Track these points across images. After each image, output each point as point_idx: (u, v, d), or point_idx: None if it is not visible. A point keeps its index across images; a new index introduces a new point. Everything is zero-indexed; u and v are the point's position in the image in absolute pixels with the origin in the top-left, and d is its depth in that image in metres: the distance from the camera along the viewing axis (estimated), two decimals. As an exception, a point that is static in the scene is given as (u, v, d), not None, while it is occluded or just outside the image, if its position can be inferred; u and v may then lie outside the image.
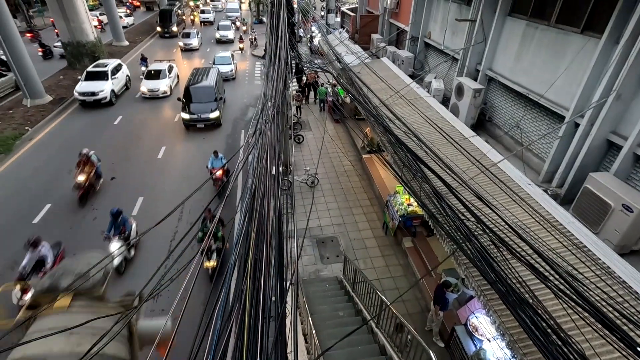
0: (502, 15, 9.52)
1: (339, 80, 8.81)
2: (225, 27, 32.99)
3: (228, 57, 22.60)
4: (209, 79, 16.59)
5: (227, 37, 32.14)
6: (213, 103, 15.46)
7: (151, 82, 19.21)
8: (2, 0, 16.04)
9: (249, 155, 3.91)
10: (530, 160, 8.96)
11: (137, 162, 13.43)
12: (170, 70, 20.30)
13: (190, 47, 28.86)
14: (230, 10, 44.09)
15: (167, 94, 19.20)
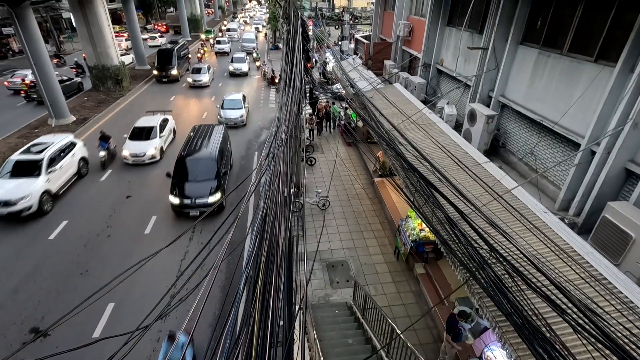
0: (514, 44, 9.63)
1: (351, 105, 8.97)
2: (240, 59, 30.85)
3: (238, 101, 19.60)
4: (210, 145, 12.75)
5: (241, 70, 30.10)
6: (213, 181, 11.53)
7: (136, 144, 14.87)
8: (37, 29, 17.12)
9: (261, 178, 3.97)
10: (546, 187, 8.80)
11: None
12: (163, 126, 16.24)
13: (200, 83, 26.23)
14: (246, 41, 41.20)
15: (156, 159, 14.91)
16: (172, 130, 17.26)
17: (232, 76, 30.17)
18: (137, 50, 31.52)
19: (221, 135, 13.68)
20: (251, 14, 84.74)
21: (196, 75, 26.51)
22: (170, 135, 17.11)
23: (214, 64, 34.17)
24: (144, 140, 15.12)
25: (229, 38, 47.99)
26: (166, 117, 17.09)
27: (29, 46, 16.86)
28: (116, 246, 10.30)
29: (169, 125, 16.93)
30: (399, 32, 16.67)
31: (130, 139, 15.18)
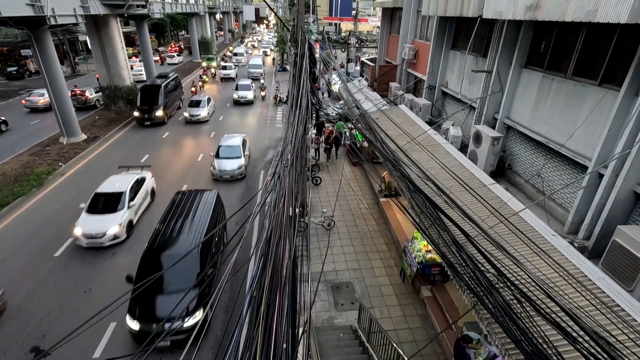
0: (517, 67, 9.76)
1: (357, 126, 9.06)
2: (245, 87, 28.73)
3: (237, 147, 16.02)
4: (194, 228, 9.05)
5: (247, 98, 27.96)
6: (193, 291, 7.35)
7: (95, 219, 10.97)
8: (54, 51, 17.78)
9: (267, 199, 4.00)
10: (554, 210, 8.70)
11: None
12: (136, 189, 12.43)
13: (198, 118, 23.03)
14: (253, 67, 38.67)
15: (119, 239, 11.06)
16: (149, 193, 13.36)
17: (237, 104, 28.15)
18: (149, 71, 32.46)
19: (210, 210, 10.00)
20: (259, 37, 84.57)
21: (194, 110, 23.20)
22: (147, 200, 13.15)
23: (215, 93, 31.70)
24: (106, 213, 11.19)
25: (236, 62, 46.32)
26: (143, 175, 13.24)
27: (46, 67, 17.46)
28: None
29: (145, 187, 13.02)
30: (404, 55, 17.01)
31: (88, 211, 11.24)
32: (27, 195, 13.90)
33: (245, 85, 28.87)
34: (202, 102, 23.81)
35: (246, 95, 28.06)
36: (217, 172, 15.24)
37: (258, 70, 38.18)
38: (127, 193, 11.81)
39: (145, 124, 22.49)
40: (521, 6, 7.56)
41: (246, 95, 28.06)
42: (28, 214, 12.99)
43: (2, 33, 35.51)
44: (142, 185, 12.89)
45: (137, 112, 22.42)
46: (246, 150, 16.84)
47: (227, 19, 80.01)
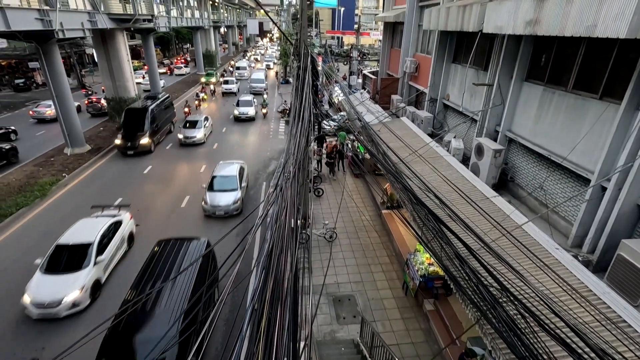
0: (518, 81, 9.84)
1: (359, 138, 9.11)
2: (246, 102, 27.64)
3: (233, 178, 14.02)
4: (174, 297, 6.98)
5: (248, 114, 26.83)
6: None
7: (50, 281, 8.76)
8: (61, 64, 18.10)
9: (269, 211, 4.01)
10: (557, 223, 8.64)
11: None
12: (109, 237, 10.22)
13: (193, 141, 21.10)
14: (255, 81, 37.41)
15: (79, 307, 8.76)
16: (125, 240, 11.00)
17: (237, 121, 26.98)
18: (154, 83, 32.94)
19: (198, 267, 7.88)
20: (262, 51, 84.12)
21: (189, 131, 21.28)
22: (122, 249, 10.78)
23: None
24: (67, 271, 8.90)
25: (238, 76, 45.26)
26: (119, 218, 10.98)
27: (52, 79, 17.75)
28: None
29: (121, 233, 10.75)
30: (406, 68, 17.20)
31: (45, 271, 8.96)
32: (31, 206, 13.96)
33: (247, 101, 27.76)
34: (199, 123, 21.94)
35: (247, 111, 26.89)
36: (210, 207, 13.10)
37: (260, 85, 36.90)
38: (95, 245, 9.44)
39: (128, 154, 19.18)
40: (521, 21, 7.67)
41: (247, 111, 26.89)
42: (31, 225, 13.02)
43: (11, 46, 36.23)
44: (117, 231, 10.60)
45: (119, 139, 19.15)
46: (243, 181, 14.81)
47: (232, 32, 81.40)
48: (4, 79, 37.46)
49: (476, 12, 9.72)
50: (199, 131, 21.44)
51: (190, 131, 21.34)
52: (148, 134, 19.59)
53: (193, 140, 21.14)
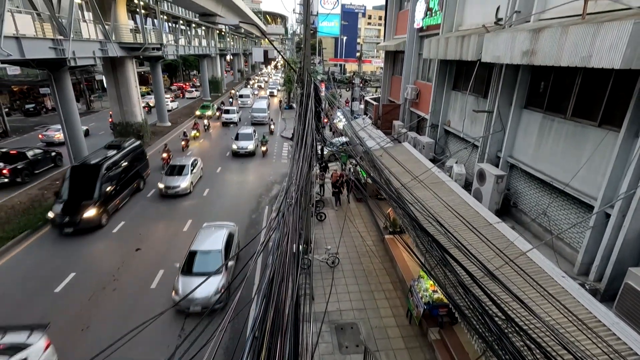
0: (518, 108, 10.00)
1: (360, 164, 9.20)
2: (246, 135, 25.39)
3: (217, 254, 10.57)
4: None
5: (247, 149, 24.42)
6: None
7: None
8: (71, 90, 18.65)
9: (271, 237, 4.01)
10: (562, 250, 8.53)
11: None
12: None
13: (176, 191, 17.11)
14: (257, 111, 35.17)
15: None
16: None
17: (236, 156, 24.53)
18: (160, 108, 33.68)
19: None
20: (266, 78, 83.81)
21: (172, 179, 17.38)
22: None
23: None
24: None
25: (241, 104, 43.83)
26: (21, 357, 6.99)
27: (62, 105, 18.22)
28: (120, 301, 9.61)
29: None
30: (407, 94, 17.55)
31: None
32: (34, 229, 13.97)
33: (247, 135, 25.44)
34: (185, 169, 17.99)
35: (247, 145, 24.46)
36: (183, 299, 8.96)
37: (262, 114, 34.69)
38: None
39: (65, 232, 13.51)
40: (517, 51, 7.90)
41: (247, 145, 24.46)
42: (32, 248, 12.98)
43: (24, 73, 37.44)
44: None
45: (52, 213, 13.60)
46: (232, 250, 11.33)
47: (237, 59, 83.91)
48: (15, 104, 38.45)
49: (474, 42, 10.03)
50: (184, 179, 17.53)
51: (173, 179, 17.39)
52: (98, 202, 14.04)
53: (176, 190, 17.15)
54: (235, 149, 24.54)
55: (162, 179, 17.76)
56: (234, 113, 35.02)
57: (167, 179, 17.56)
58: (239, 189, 19.24)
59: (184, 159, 19.22)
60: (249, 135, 25.47)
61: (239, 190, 19.12)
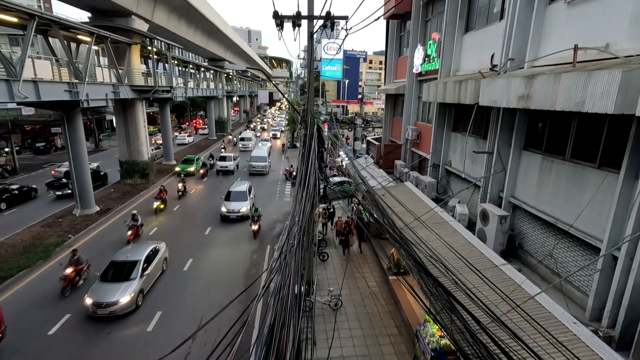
0: (517, 149, 10.18)
1: (363, 204, 9.22)
2: (239, 195, 20.30)
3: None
4: None
5: (240, 212, 19.35)
6: None
7: None
8: (82, 130, 19.28)
9: (272, 280, 3.96)
10: (572, 293, 8.28)
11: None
12: None
13: (112, 310, 10.86)
14: (256, 159, 30.46)
15: None
16: None
17: (225, 221, 19.43)
18: (166, 147, 34.44)
19: None
20: (269, 119, 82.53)
21: (106, 290, 11.19)
22: None
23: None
24: None
25: (242, 148, 41.36)
26: None
27: (72, 144, 18.75)
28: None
29: None
30: (408, 135, 17.95)
31: None
32: (32, 268, 13.81)
33: (240, 193, 20.48)
34: (134, 269, 11.90)
35: (240, 208, 19.49)
36: None
37: (262, 164, 30.13)
38: None
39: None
40: (513, 96, 8.19)
41: (240, 208, 19.49)
42: (30, 287, 12.75)
43: (38, 113, 38.88)
44: None
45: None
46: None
47: (243, 101, 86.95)
48: (26, 143, 39.52)
49: (471, 87, 10.43)
50: (126, 294, 11.13)
51: (108, 291, 11.15)
52: None
53: (112, 310, 10.87)
54: (225, 212, 19.43)
55: (93, 288, 11.32)
56: (231, 160, 30.90)
57: (100, 290, 11.12)
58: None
59: (130, 252, 12.81)
60: (243, 195, 20.41)
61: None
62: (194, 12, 31.83)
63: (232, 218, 19.46)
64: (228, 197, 20.35)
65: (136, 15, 24.64)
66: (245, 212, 19.48)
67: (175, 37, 34.05)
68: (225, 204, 19.85)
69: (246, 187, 21.34)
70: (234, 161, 31.52)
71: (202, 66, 48.25)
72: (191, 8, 30.43)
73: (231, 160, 31.00)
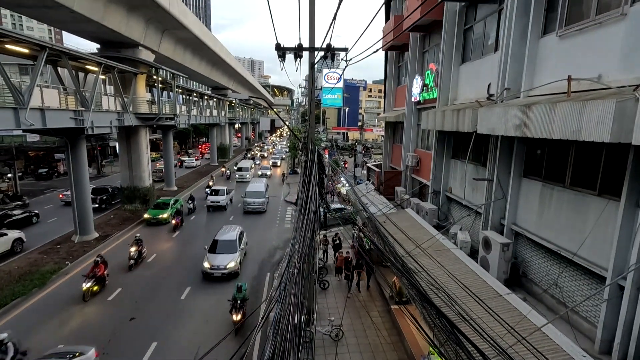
0: (517, 176, 10.22)
1: (364, 231, 9.16)
2: (228, 245, 16.36)
3: None
4: None
5: (227, 269, 15.49)
6: None
7: None
8: (85, 157, 19.49)
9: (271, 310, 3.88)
10: (580, 324, 8.04)
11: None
12: None
13: None
14: (252, 195, 26.57)
15: None
16: None
17: (208, 279, 15.68)
18: (168, 173, 34.66)
19: None
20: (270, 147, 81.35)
21: None
22: None
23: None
24: None
25: (239, 179, 38.53)
26: None
27: (74, 170, 18.91)
28: None
29: None
30: (408, 162, 18.09)
31: None
32: (27, 295, 13.54)
33: (228, 244, 16.42)
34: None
35: (226, 263, 15.52)
36: None
37: (258, 200, 26.15)
38: None
39: None
40: (511, 124, 8.32)
41: (226, 263, 15.52)
42: (25, 316, 12.44)
43: (43, 139, 39.44)
44: None
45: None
46: None
47: (245, 128, 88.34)
48: (29, 169, 39.84)
49: (469, 115, 10.63)
50: None
51: None
52: None
53: None
54: (207, 269, 15.48)
55: None
56: (223, 194, 27.29)
57: None
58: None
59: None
60: (231, 245, 16.38)
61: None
62: (199, 43, 33.00)
63: (216, 276, 15.41)
64: (214, 247, 16.35)
65: (143, 46, 25.55)
66: (234, 267, 15.61)
67: (180, 67, 35.12)
68: (208, 257, 15.84)
69: (236, 234, 17.40)
70: (228, 195, 28.02)
71: (206, 94, 49.43)
72: (197, 40, 31.58)
73: (224, 195, 27.35)
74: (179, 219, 22.86)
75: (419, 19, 14.52)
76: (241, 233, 18.08)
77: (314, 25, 10.47)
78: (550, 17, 8.92)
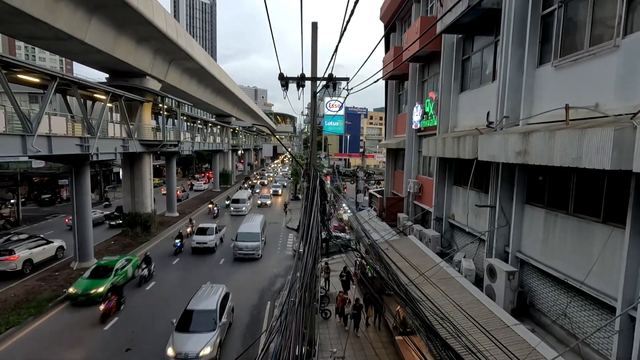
0: (520, 203, 10.17)
1: (366, 259, 9.03)
2: (204, 318, 12.06)
3: None
4: None
5: (200, 357, 10.88)
6: None
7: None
8: (88, 183, 19.64)
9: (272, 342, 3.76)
10: (591, 357, 7.73)
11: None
12: None
13: None
14: (244, 237, 22.23)
15: None
16: None
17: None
18: (170, 199, 34.72)
19: None
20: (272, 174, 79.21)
21: None
22: None
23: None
24: None
25: (234, 212, 34.62)
26: None
27: (77, 196, 19.00)
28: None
29: None
30: (409, 189, 18.09)
31: None
32: (22, 325, 13.23)
33: (205, 315, 12.23)
34: None
35: (199, 349, 10.95)
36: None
37: (252, 244, 21.72)
38: None
39: None
40: (511, 151, 8.39)
41: (199, 349, 10.95)
42: (19, 346, 12.09)
43: (47, 165, 39.89)
44: None
45: None
46: None
47: (248, 154, 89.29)
48: (32, 195, 40.04)
49: (469, 142, 10.73)
50: None
51: None
52: None
53: None
54: (172, 358, 10.94)
55: None
56: (212, 233, 23.07)
57: None
58: None
59: None
60: (209, 318, 12.16)
61: None
62: (205, 73, 34.02)
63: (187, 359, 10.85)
64: (185, 322, 11.97)
65: (151, 75, 26.34)
66: (210, 355, 11.10)
67: (186, 95, 36.02)
68: (175, 339, 11.35)
69: (216, 300, 12.92)
70: (217, 234, 23.60)
71: (210, 122, 50.34)
72: (202, 70, 32.59)
73: (212, 234, 22.92)
74: (113, 299, 14.71)
75: (418, 51, 15.00)
76: (225, 297, 13.65)
77: (316, 56, 10.82)
78: (545, 48, 9.20)
